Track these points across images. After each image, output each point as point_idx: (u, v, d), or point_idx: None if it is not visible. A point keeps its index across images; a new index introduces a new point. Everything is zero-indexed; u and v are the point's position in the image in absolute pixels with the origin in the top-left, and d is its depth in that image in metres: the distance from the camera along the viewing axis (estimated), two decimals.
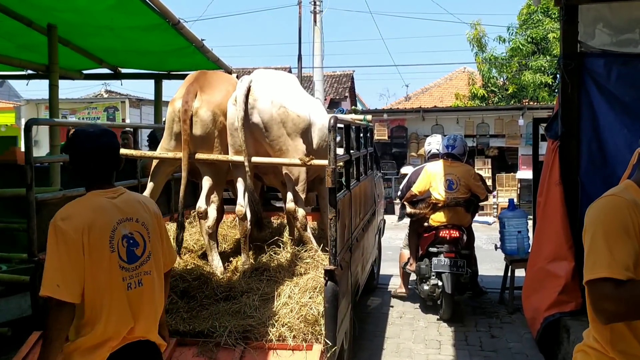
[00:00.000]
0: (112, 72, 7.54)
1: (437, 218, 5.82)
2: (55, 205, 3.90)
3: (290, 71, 25.07)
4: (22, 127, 13.88)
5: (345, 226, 3.77)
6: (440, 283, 5.58)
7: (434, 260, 5.65)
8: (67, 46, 6.49)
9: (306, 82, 23.12)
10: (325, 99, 22.90)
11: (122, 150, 4.75)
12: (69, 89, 75.95)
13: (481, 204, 6.42)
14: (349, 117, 5.18)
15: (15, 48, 6.52)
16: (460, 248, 5.74)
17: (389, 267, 8.46)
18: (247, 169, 4.08)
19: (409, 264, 6.31)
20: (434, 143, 6.42)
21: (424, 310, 6.15)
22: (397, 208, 16.75)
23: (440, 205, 5.79)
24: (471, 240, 6.18)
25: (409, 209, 6.05)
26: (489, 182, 12.96)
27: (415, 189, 5.98)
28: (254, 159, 4.17)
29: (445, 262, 5.55)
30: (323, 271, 3.41)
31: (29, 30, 5.87)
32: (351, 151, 4.37)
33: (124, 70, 7.62)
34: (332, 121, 3.35)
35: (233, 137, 4.22)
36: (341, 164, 4.08)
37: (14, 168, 6.26)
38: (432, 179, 5.89)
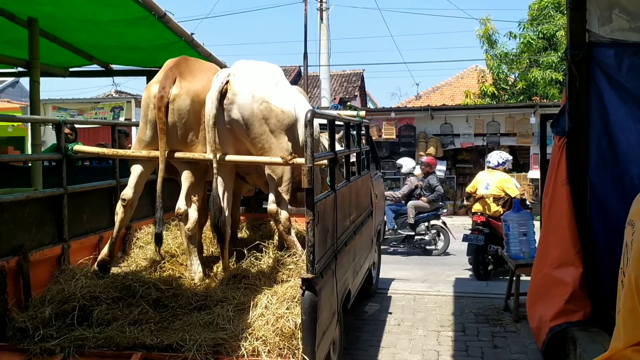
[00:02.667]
0: (104, 69, 7.32)
1: (475, 208, 8.24)
2: (19, 208, 3.66)
3: (299, 70, 24.83)
4: (29, 127, 13.67)
5: (328, 230, 3.46)
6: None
7: (464, 233, 8.18)
8: (55, 42, 6.28)
9: (313, 81, 22.84)
10: (335, 98, 22.60)
11: (95, 149, 4.52)
12: (80, 89, 76.56)
13: None
14: (335, 112, 4.88)
15: (0, 44, 6.32)
16: (483, 228, 7.82)
17: (393, 270, 8.16)
18: (214, 170, 3.78)
19: None
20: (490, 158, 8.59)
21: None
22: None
23: (477, 198, 8.18)
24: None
25: (465, 202, 9.60)
26: None
27: (468, 188, 8.56)
28: (231, 158, 3.88)
29: (470, 236, 7.84)
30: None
31: (13, 26, 5.67)
32: (337, 148, 4.06)
33: (115, 67, 7.39)
34: (308, 115, 3.05)
35: (209, 134, 3.94)
36: (325, 162, 3.79)
37: (9, 168, 6.10)
38: (477, 182, 8.28)
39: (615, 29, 4.52)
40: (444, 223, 10.05)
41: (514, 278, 5.84)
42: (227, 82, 3.88)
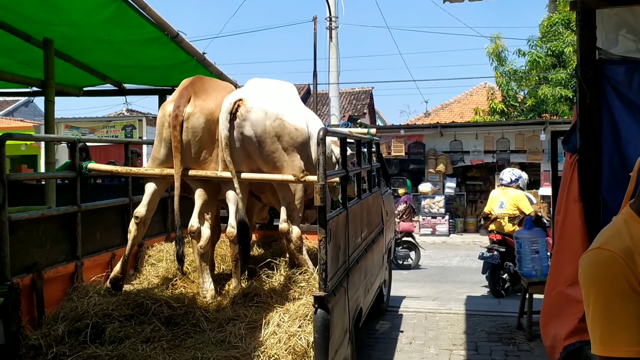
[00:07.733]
0: (117, 88, 7.41)
1: (491, 227, 8.26)
2: (33, 226, 3.70)
3: (309, 88, 24.98)
4: (42, 145, 13.95)
5: (340, 248, 3.46)
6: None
7: (480, 251, 8.15)
8: (69, 62, 6.38)
9: (323, 99, 22.97)
10: (344, 116, 22.68)
11: (109, 167, 4.57)
12: (92, 108, 77.47)
13: None
14: (346, 130, 4.91)
15: (17, 64, 6.43)
16: (499, 247, 7.83)
17: (404, 288, 8.12)
18: (237, 190, 3.81)
19: None
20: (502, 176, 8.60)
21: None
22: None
23: (492, 218, 8.19)
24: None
25: (482, 222, 9.71)
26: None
27: (485, 209, 8.56)
28: (245, 175, 3.90)
29: (486, 255, 7.83)
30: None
31: (28, 46, 5.77)
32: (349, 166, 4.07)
33: (128, 86, 7.48)
34: (320, 133, 3.07)
35: (223, 154, 3.97)
36: (337, 180, 3.80)
37: (23, 187, 6.17)
38: (492, 201, 8.36)
39: (621, 52, 4.52)
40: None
41: (527, 296, 5.79)
42: (240, 99, 3.92)
